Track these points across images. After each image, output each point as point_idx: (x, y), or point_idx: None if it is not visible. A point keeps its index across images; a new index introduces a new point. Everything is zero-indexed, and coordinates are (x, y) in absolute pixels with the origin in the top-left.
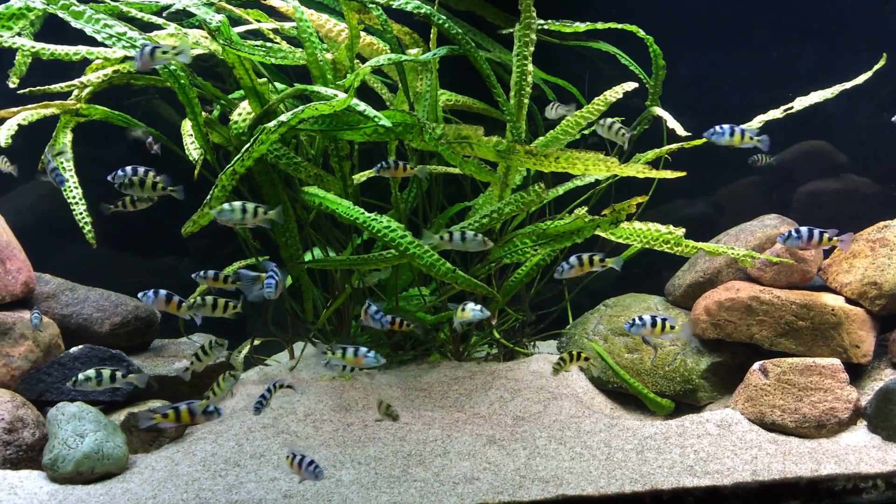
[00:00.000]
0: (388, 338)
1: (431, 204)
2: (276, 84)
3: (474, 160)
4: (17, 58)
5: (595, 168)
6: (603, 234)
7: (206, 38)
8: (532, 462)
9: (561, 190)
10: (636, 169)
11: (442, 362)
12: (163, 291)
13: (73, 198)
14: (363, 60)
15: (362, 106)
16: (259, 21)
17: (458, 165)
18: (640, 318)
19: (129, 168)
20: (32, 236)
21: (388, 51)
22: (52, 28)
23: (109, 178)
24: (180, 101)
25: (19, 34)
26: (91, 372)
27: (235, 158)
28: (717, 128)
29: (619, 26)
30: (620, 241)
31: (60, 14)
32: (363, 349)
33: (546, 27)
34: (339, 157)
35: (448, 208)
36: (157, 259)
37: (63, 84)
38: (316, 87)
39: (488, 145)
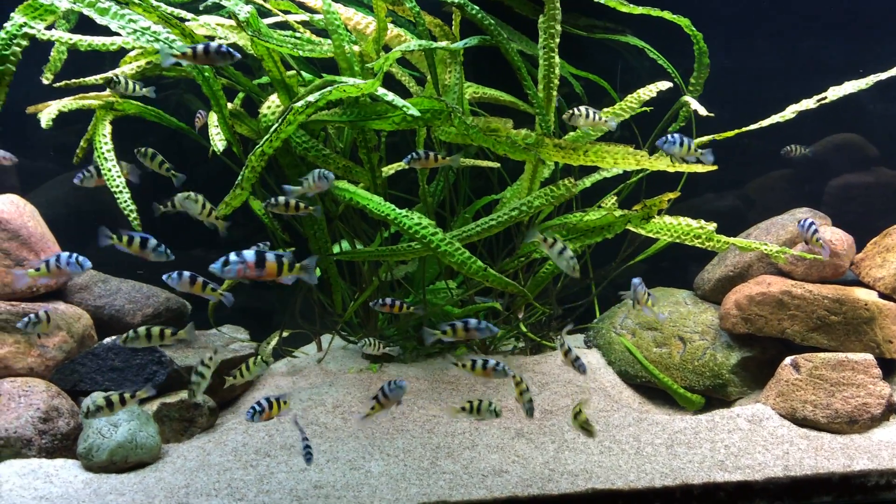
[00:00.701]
0: (414, 331)
1: (458, 197)
2: (305, 76)
3: (507, 139)
4: (51, 54)
5: (624, 161)
6: (633, 229)
7: (233, 30)
8: (561, 455)
9: (588, 182)
10: (666, 163)
11: (468, 355)
12: (187, 273)
13: (117, 186)
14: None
15: (390, 96)
16: (289, 12)
17: (490, 145)
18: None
19: (93, 168)
20: (65, 228)
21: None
22: (85, 20)
23: (75, 181)
24: (205, 93)
25: (52, 26)
26: (141, 329)
27: (264, 139)
28: (669, 137)
29: (672, 17)
30: (650, 235)
31: (86, 11)
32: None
33: (603, 1)
34: (367, 148)
35: (475, 201)
36: (186, 251)
37: (98, 76)
38: (343, 78)
39: (517, 138)
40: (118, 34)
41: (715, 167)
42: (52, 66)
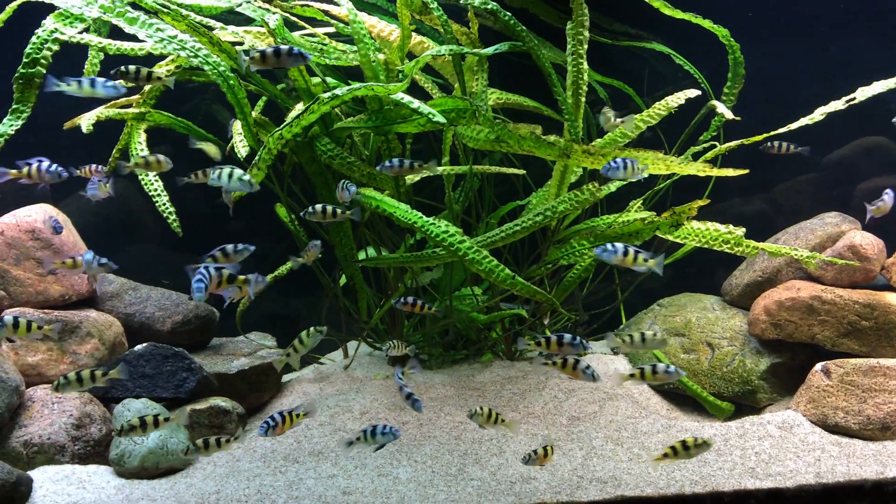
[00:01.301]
0: (440, 337)
1: (483, 204)
2: (330, 83)
3: (532, 136)
4: (85, 67)
5: (654, 167)
6: (661, 235)
7: (259, 36)
8: (589, 462)
9: (613, 187)
10: (696, 168)
11: (494, 362)
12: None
13: (155, 190)
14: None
15: (416, 103)
16: (314, 19)
17: (515, 144)
18: (613, 245)
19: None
20: (95, 236)
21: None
22: (114, 31)
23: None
24: (229, 101)
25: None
26: (71, 374)
27: (285, 123)
28: (612, 163)
29: (711, 27)
30: (678, 240)
31: (115, 21)
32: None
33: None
34: (391, 156)
35: (500, 208)
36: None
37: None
38: (369, 84)
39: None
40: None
41: (746, 171)
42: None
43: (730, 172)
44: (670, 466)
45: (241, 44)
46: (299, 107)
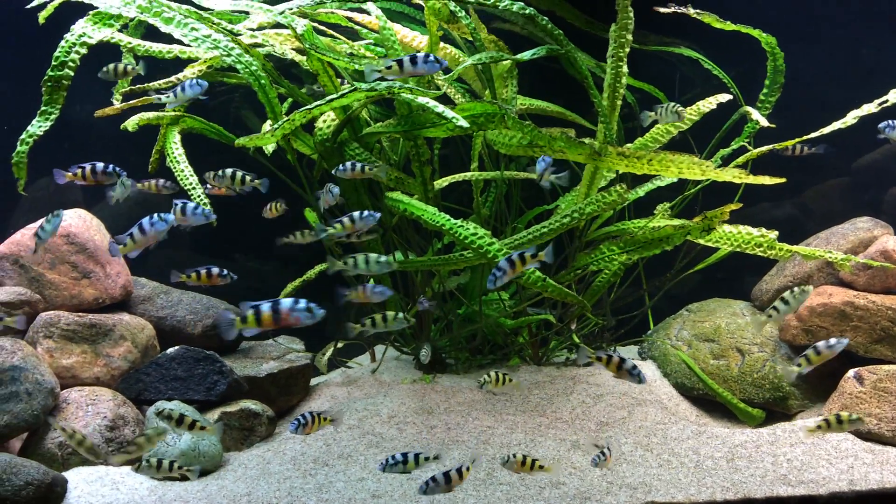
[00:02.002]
0: (467, 342)
1: (510, 208)
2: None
3: (563, 137)
4: (117, 83)
5: (689, 171)
6: (692, 239)
7: (287, 39)
8: (618, 468)
9: (641, 192)
10: (732, 174)
11: (521, 366)
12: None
13: (190, 184)
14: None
15: (441, 108)
16: (339, 26)
17: (547, 146)
18: (498, 269)
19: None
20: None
21: (465, 58)
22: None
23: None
24: (260, 100)
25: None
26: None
27: (317, 102)
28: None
29: (760, 35)
30: (711, 244)
31: (152, 21)
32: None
33: (698, 17)
34: (419, 161)
35: (527, 212)
36: (241, 263)
37: (161, 81)
38: (403, 86)
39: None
40: (178, 43)
41: (783, 180)
42: (121, 87)
43: (766, 180)
44: (701, 473)
45: (262, 46)
46: (329, 112)
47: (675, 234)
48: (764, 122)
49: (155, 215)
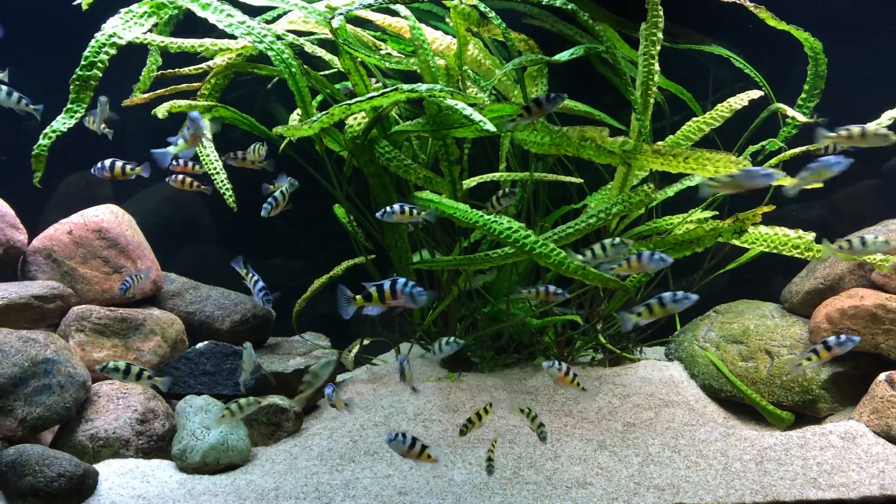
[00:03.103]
0: (492, 341)
1: (537, 207)
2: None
3: (592, 143)
4: (142, 74)
5: (726, 170)
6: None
7: (318, 31)
8: (646, 469)
9: (670, 192)
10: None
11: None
12: None
13: (214, 168)
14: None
15: (468, 110)
16: (367, 22)
17: (575, 150)
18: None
19: (107, 161)
20: (157, 237)
21: (495, 61)
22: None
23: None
24: (290, 89)
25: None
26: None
27: (357, 99)
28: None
29: (806, 38)
30: (745, 245)
31: (189, 5)
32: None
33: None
34: (448, 161)
35: (553, 211)
36: (268, 259)
37: (192, 67)
38: (444, 89)
39: (614, 145)
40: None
41: (820, 185)
42: (142, 86)
43: (805, 184)
44: (730, 475)
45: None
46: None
47: (706, 235)
48: (802, 118)
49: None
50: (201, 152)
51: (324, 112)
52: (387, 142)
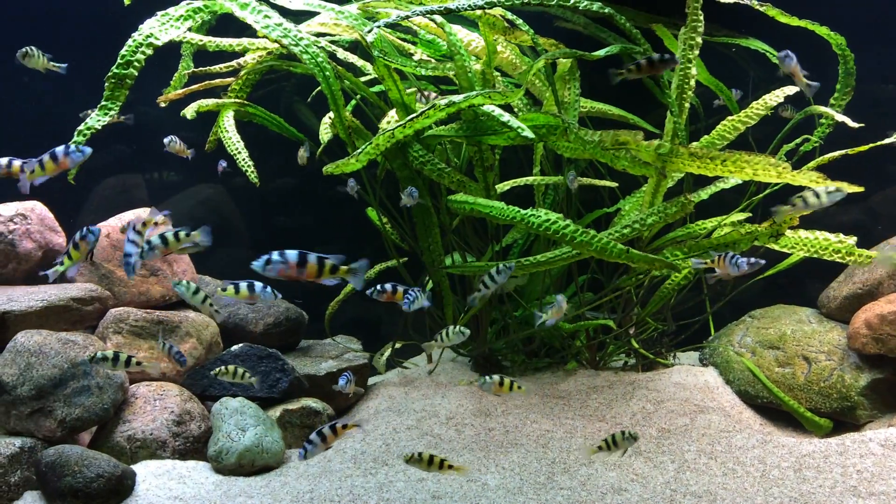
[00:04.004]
0: (523, 345)
1: (569, 212)
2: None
3: (627, 155)
4: (173, 79)
5: (765, 173)
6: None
7: (348, 29)
8: (682, 476)
9: (704, 195)
10: (809, 177)
11: (578, 371)
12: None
13: (236, 148)
14: (501, 73)
15: (506, 116)
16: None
17: (609, 161)
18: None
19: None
20: None
21: (529, 63)
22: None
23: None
24: (323, 92)
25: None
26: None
27: (398, 124)
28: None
29: (826, 34)
30: (785, 250)
31: (228, 4)
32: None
33: (763, 10)
34: (483, 167)
35: (585, 215)
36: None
37: (223, 65)
38: (490, 90)
39: (649, 149)
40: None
41: (861, 189)
42: (171, 90)
43: (844, 186)
44: (768, 483)
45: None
46: (391, 114)
47: (741, 239)
48: (839, 117)
49: (72, 145)
50: (224, 136)
51: (368, 143)
52: (420, 145)
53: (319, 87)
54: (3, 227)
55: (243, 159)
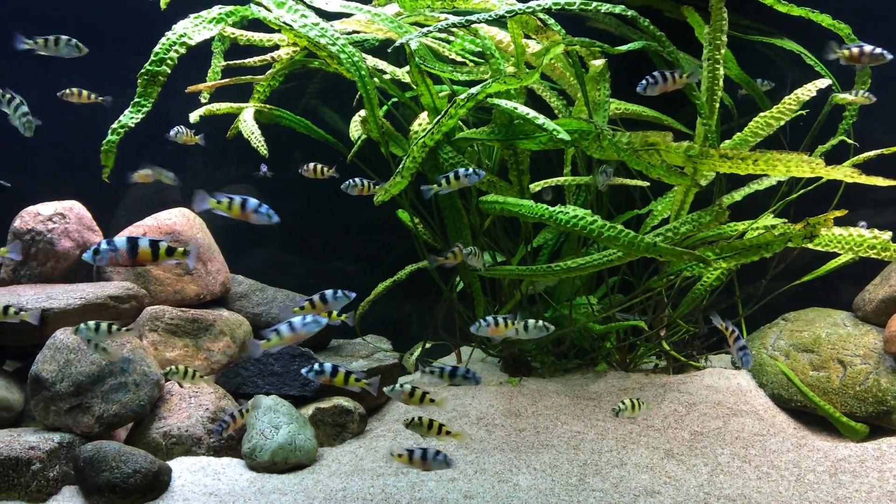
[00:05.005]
0: (552, 346)
1: (600, 212)
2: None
3: (661, 163)
4: (208, 74)
5: (798, 170)
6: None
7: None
8: (715, 479)
9: (737, 196)
10: (843, 172)
11: (608, 372)
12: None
13: (250, 131)
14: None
15: (541, 119)
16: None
17: (644, 169)
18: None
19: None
20: (224, 240)
21: (566, 63)
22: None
23: None
24: (360, 91)
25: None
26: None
27: (427, 131)
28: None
29: (830, 23)
30: (819, 248)
31: (265, 2)
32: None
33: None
34: (518, 170)
35: (616, 217)
36: (329, 263)
37: (257, 58)
38: (500, 77)
39: (678, 151)
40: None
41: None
42: (212, 76)
43: (879, 181)
44: (803, 487)
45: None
46: (423, 116)
47: (774, 240)
48: (864, 100)
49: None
50: (244, 128)
51: (406, 156)
52: (450, 147)
53: (358, 93)
54: (42, 227)
55: (257, 139)
